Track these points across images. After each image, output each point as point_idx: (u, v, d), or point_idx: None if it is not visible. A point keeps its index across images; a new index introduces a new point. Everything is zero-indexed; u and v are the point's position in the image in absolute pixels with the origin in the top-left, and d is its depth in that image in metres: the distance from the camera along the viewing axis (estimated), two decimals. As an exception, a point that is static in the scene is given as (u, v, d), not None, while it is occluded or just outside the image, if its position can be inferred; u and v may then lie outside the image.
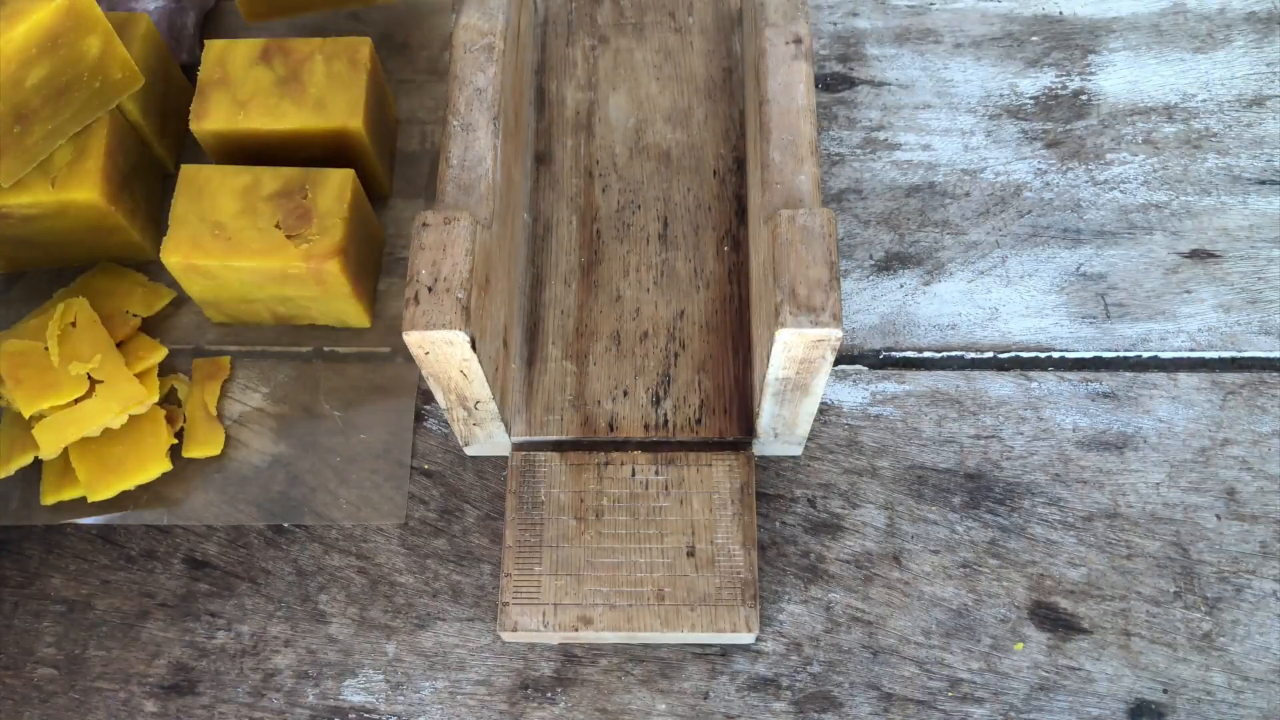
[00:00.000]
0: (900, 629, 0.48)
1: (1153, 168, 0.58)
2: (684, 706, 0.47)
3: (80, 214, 0.52)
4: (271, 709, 0.47)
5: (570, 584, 0.47)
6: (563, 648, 0.48)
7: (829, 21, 0.62)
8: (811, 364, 0.42)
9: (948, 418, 0.52)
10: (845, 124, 0.59)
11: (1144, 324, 0.54)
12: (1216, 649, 0.48)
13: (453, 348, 0.41)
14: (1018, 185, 0.58)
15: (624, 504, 0.49)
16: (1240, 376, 0.53)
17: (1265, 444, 0.51)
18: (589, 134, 0.57)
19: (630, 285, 0.53)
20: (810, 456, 0.52)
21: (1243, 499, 0.50)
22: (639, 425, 0.50)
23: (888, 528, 0.50)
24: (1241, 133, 0.58)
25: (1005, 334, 0.54)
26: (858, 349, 0.54)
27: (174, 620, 0.49)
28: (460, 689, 0.48)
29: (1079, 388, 0.53)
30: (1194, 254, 0.56)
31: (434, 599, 0.49)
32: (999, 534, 0.50)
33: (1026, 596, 0.49)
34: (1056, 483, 0.51)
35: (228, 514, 0.51)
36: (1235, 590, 0.48)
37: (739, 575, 0.47)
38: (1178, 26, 0.61)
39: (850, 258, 0.56)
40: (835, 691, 0.47)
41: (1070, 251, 0.56)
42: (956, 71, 0.61)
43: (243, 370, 0.54)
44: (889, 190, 0.58)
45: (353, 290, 0.52)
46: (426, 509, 0.51)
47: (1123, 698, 0.47)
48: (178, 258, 0.50)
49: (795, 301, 0.39)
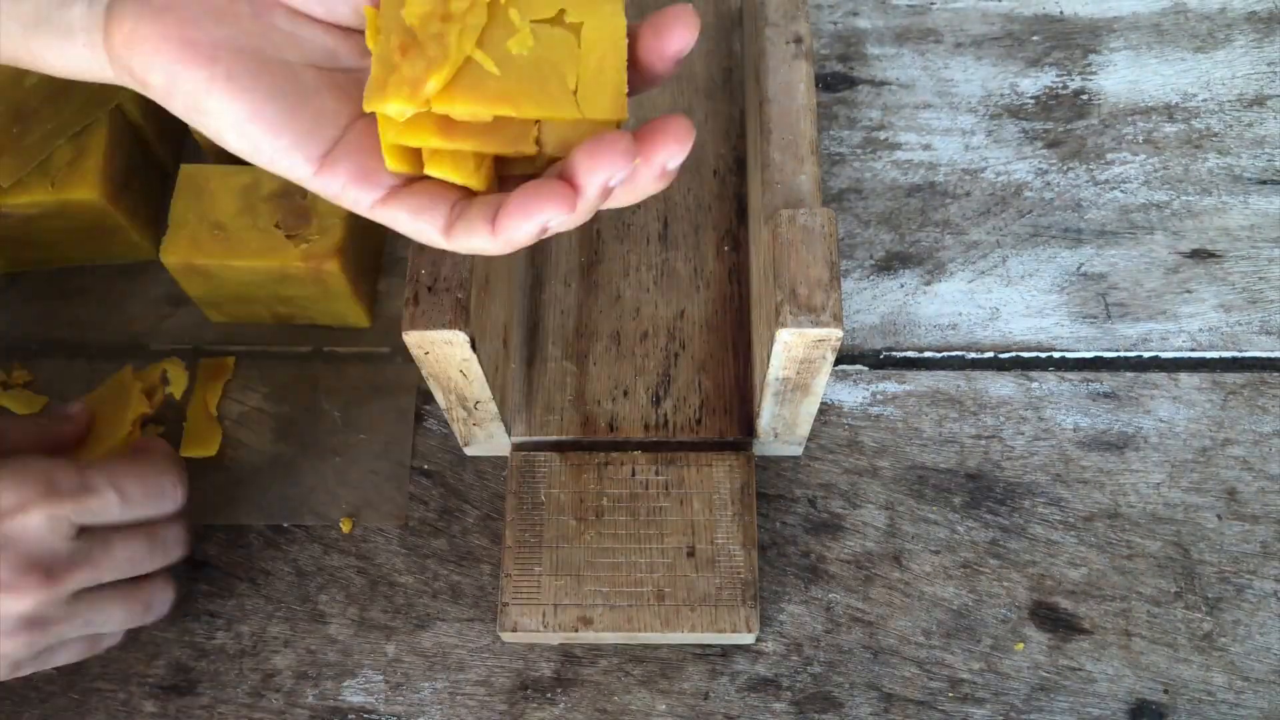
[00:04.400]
0: (901, 629, 0.48)
1: (1153, 167, 0.58)
2: (684, 707, 0.47)
3: (80, 214, 0.52)
4: (271, 709, 0.47)
5: (570, 584, 0.47)
6: (563, 648, 0.48)
7: (829, 21, 0.62)
8: (812, 364, 0.42)
9: (948, 418, 0.52)
10: (846, 123, 0.59)
11: (1145, 324, 0.54)
12: (1217, 649, 0.47)
13: (452, 348, 0.41)
14: (1018, 185, 0.58)
15: (624, 504, 0.49)
16: (1241, 376, 0.53)
17: (1266, 444, 0.51)
18: (589, 134, 0.57)
19: (630, 285, 0.53)
20: (810, 456, 0.52)
21: (1243, 499, 0.50)
22: (639, 425, 0.50)
23: (888, 528, 0.50)
24: (1242, 132, 0.58)
25: (1006, 334, 0.54)
26: (858, 349, 0.54)
27: (173, 620, 0.49)
28: (460, 689, 0.48)
29: (1080, 388, 0.53)
30: (1195, 254, 0.56)
31: (434, 599, 0.49)
32: (999, 534, 0.50)
33: (1027, 597, 0.49)
34: (1057, 483, 0.51)
35: (227, 514, 0.51)
36: (1236, 590, 0.48)
37: (739, 575, 0.47)
38: (1178, 26, 0.61)
39: (851, 257, 0.56)
40: (835, 692, 0.47)
41: (1071, 251, 0.56)
42: (957, 71, 0.60)
43: (242, 370, 0.54)
44: (889, 190, 0.58)
45: (353, 290, 0.51)
46: (426, 509, 0.51)
47: (1123, 698, 0.47)
48: (177, 258, 0.50)
49: (796, 301, 0.39)
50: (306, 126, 0.31)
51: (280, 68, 0.31)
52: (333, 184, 0.32)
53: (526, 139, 0.31)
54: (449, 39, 0.30)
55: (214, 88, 0.30)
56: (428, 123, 0.31)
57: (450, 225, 0.31)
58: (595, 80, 0.31)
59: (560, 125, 0.31)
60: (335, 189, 0.32)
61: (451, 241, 0.31)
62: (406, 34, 0.30)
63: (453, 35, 0.30)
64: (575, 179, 0.29)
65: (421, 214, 0.31)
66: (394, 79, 0.30)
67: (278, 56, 0.31)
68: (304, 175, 0.32)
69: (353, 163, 0.32)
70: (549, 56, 0.31)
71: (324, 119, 0.32)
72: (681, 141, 0.30)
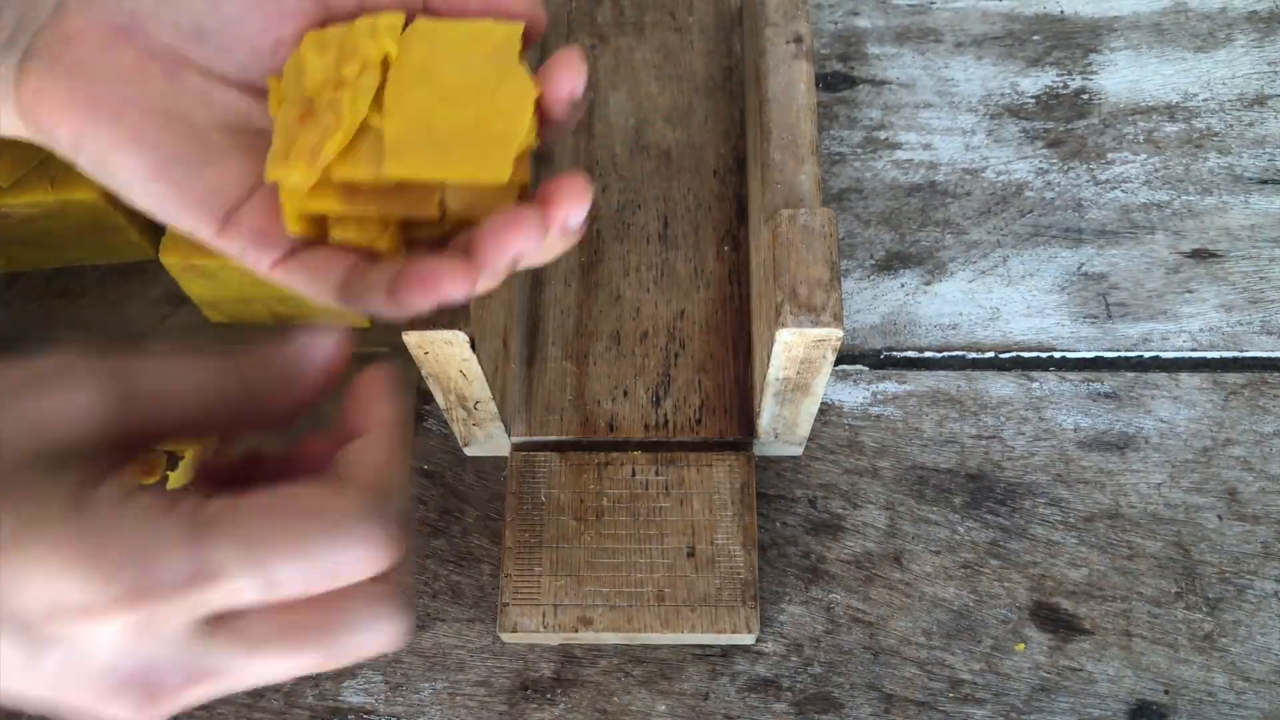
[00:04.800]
0: (901, 630, 0.48)
1: (1154, 167, 0.58)
2: (684, 707, 0.47)
3: (80, 214, 0.52)
4: (270, 709, 0.47)
5: (570, 584, 0.47)
6: (563, 649, 0.48)
7: (830, 21, 0.62)
8: (812, 364, 0.42)
9: (949, 418, 0.52)
10: (846, 123, 0.59)
11: (1145, 324, 0.54)
12: (1218, 650, 0.47)
13: (452, 348, 0.41)
14: (1019, 184, 0.57)
15: (624, 504, 0.49)
16: (1242, 376, 0.53)
17: (1267, 444, 0.51)
18: (589, 133, 0.57)
19: (630, 285, 0.53)
20: (811, 457, 0.52)
21: (1244, 499, 0.50)
22: (639, 425, 0.50)
23: (889, 528, 0.50)
24: (1243, 132, 0.58)
25: (1006, 334, 0.54)
26: (858, 349, 0.54)
27: (173, 621, 0.49)
28: (460, 690, 0.48)
29: (1080, 388, 0.53)
30: (1195, 254, 0.55)
31: (433, 599, 0.49)
32: (1000, 534, 0.50)
33: (1028, 597, 0.49)
34: (1058, 483, 0.51)
35: (227, 514, 0.51)
36: (1237, 591, 0.48)
37: (739, 576, 0.47)
38: (1179, 26, 0.61)
39: (851, 257, 0.56)
40: (836, 692, 0.47)
41: (1072, 251, 0.56)
42: (958, 70, 0.60)
43: (242, 370, 0.54)
44: (890, 190, 0.58)
45: (352, 290, 0.51)
46: (426, 509, 0.51)
47: (1124, 698, 0.47)
48: (177, 258, 0.50)
49: (796, 301, 0.39)
50: (210, 187, 0.31)
51: (187, 128, 0.32)
52: (234, 245, 0.32)
53: (429, 203, 0.31)
54: (342, 104, 0.31)
55: (119, 146, 0.31)
56: (329, 189, 0.31)
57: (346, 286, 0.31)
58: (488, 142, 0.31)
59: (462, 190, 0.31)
60: (236, 250, 0.32)
61: (347, 302, 0.32)
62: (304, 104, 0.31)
63: (345, 100, 0.31)
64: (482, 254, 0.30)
65: (319, 275, 0.32)
66: (295, 149, 0.30)
67: (186, 116, 0.32)
68: (206, 235, 0.32)
69: (254, 224, 0.32)
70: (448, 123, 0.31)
71: (229, 180, 0.32)
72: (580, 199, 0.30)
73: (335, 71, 0.31)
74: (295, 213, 0.31)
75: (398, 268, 0.30)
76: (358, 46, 0.31)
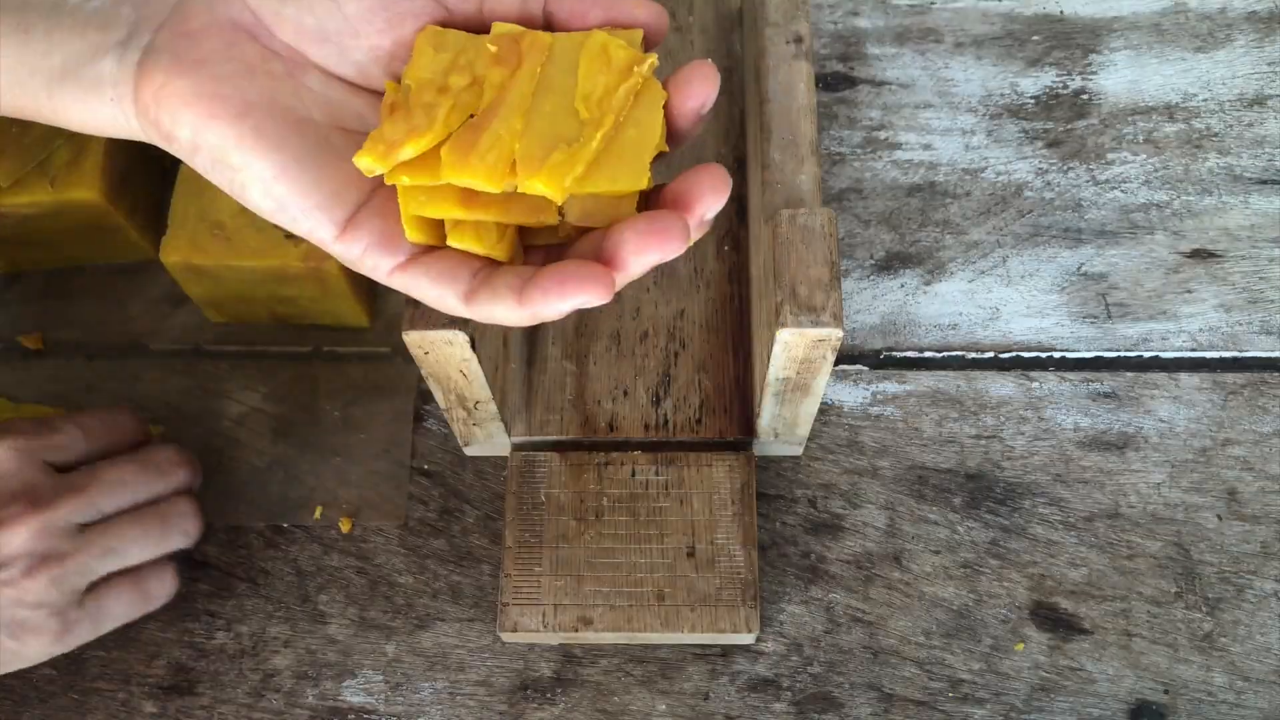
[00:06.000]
0: (901, 629, 0.48)
1: (1154, 167, 0.58)
2: (684, 707, 0.47)
3: (79, 214, 0.52)
4: (271, 709, 0.47)
5: (570, 584, 0.47)
6: (563, 648, 0.48)
7: (829, 21, 0.62)
8: (812, 364, 0.42)
9: (948, 418, 0.52)
10: (846, 123, 0.59)
11: (1145, 324, 0.54)
12: (1218, 649, 0.47)
13: (452, 348, 0.41)
14: (1019, 185, 0.58)
15: (624, 504, 0.49)
16: (1241, 376, 0.53)
17: (1266, 444, 0.51)
18: (589, 133, 0.57)
19: (630, 284, 0.53)
20: (811, 456, 0.52)
21: (1244, 499, 0.50)
22: (639, 425, 0.50)
23: (888, 528, 0.50)
24: (1243, 132, 0.58)
25: (1006, 334, 0.54)
26: (858, 349, 0.54)
27: (173, 620, 0.49)
28: (460, 689, 0.48)
29: (1080, 388, 0.53)
30: (1195, 254, 0.56)
31: (434, 599, 0.49)
32: (1000, 534, 0.50)
33: (1027, 597, 0.49)
34: (1057, 483, 0.51)
35: (227, 514, 0.51)
36: (1236, 591, 0.48)
37: (739, 575, 0.47)
38: (1179, 26, 0.61)
39: (851, 257, 0.56)
40: (836, 692, 0.47)
41: (1071, 251, 0.56)
42: (957, 71, 0.60)
43: (242, 370, 0.54)
44: (890, 190, 0.58)
45: (352, 290, 0.51)
46: (426, 509, 0.51)
47: (1124, 698, 0.47)
48: (177, 258, 0.50)
49: (796, 301, 0.39)
50: (333, 189, 0.31)
51: (310, 128, 0.31)
52: (354, 248, 0.31)
53: (549, 209, 0.31)
54: (438, 111, 0.30)
55: (242, 144, 0.30)
56: (449, 194, 0.30)
57: (473, 292, 0.31)
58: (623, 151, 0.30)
59: (584, 197, 0.31)
60: (355, 253, 0.32)
61: (472, 309, 0.31)
62: (401, 94, 0.30)
63: (443, 109, 0.30)
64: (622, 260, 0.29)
65: (443, 280, 0.31)
66: (372, 135, 0.30)
67: (308, 117, 0.31)
68: (326, 238, 0.31)
69: (375, 228, 0.31)
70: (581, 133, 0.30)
71: (350, 183, 0.31)
72: (720, 192, 0.30)
73: (443, 77, 0.30)
74: (411, 217, 0.31)
75: (525, 273, 0.30)
76: (473, 62, 0.31)
